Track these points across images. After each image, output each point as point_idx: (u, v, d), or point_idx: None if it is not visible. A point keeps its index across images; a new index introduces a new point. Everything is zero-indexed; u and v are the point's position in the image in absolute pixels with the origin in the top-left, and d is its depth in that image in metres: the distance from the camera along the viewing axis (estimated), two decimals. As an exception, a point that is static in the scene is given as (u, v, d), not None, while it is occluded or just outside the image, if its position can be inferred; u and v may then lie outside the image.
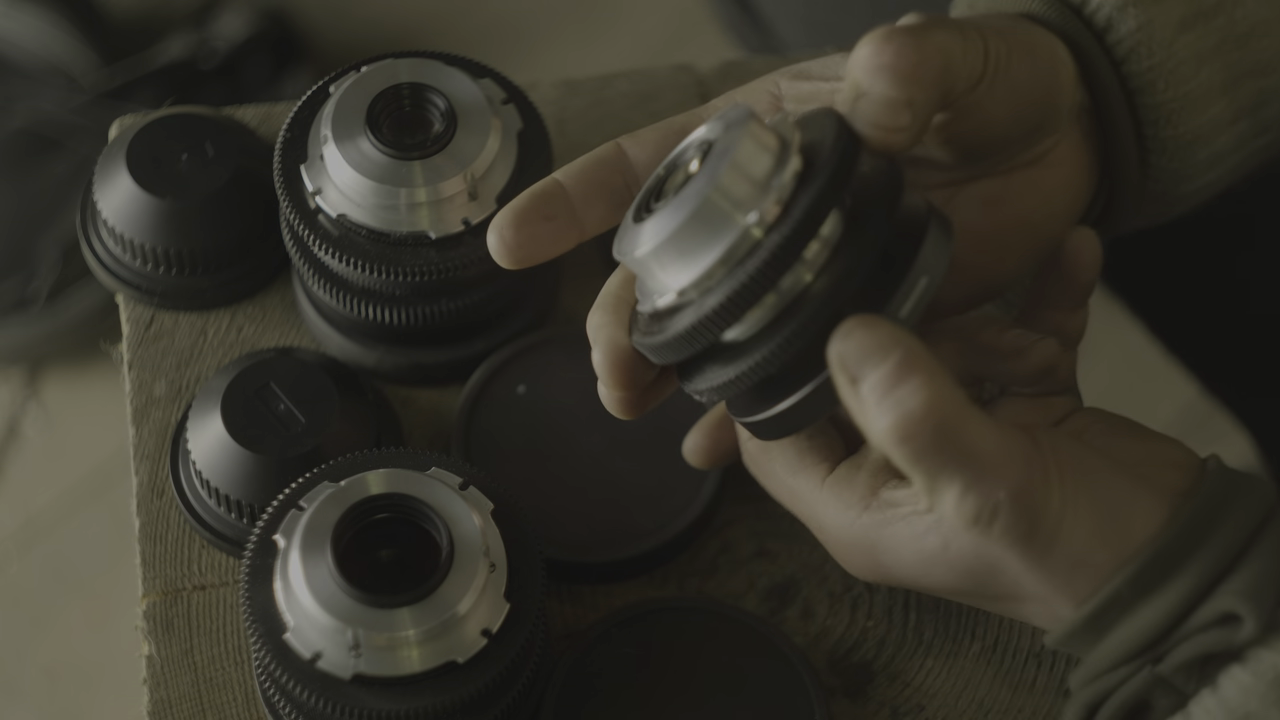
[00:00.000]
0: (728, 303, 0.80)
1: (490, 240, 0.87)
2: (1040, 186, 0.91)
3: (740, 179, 0.80)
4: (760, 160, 0.81)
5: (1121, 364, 1.71)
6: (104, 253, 1.02)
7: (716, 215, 0.80)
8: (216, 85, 1.78)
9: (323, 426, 0.95)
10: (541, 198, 0.88)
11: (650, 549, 0.97)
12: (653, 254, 0.81)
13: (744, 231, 0.80)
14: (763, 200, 0.80)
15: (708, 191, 0.80)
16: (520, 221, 0.87)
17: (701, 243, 0.81)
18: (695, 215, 0.80)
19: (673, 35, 1.94)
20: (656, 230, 0.81)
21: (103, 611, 1.70)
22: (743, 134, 0.81)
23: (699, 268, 0.81)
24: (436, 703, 0.86)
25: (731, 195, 0.80)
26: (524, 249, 0.88)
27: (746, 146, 0.81)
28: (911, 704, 0.95)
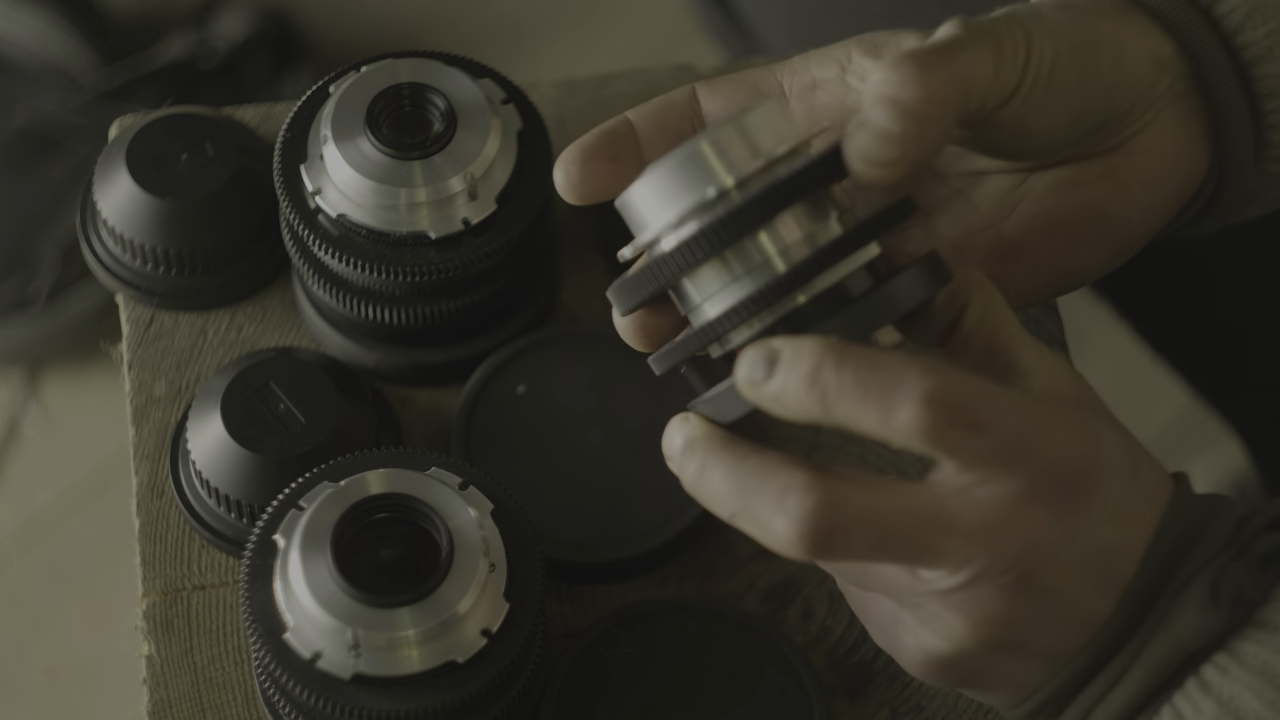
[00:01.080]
0: (683, 250, 0.80)
1: (556, 176, 0.87)
2: (1117, 175, 0.89)
3: (737, 140, 0.80)
4: (763, 133, 0.81)
5: (1119, 368, 1.71)
6: (104, 253, 1.02)
7: (703, 166, 0.80)
8: (216, 85, 1.78)
9: (323, 426, 0.95)
10: (609, 136, 0.87)
11: (650, 549, 0.97)
12: (638, 192, 0.81)
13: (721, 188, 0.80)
14: (751, 164, 0.80)
15: (701, 142, 0.80)
16: (586, 159, 0.86)
17: (679, 190, 0.80)
18: (684, 161, 0.80)
19: (673, 35, 1.94)
20: (647, 171, 0.81)
21: (103, 611, 1.70)
22: (763, 107, 0.81)
23: (674, 210, 0.81)
24: (436, 703, 0.86)
25: (724, 152, 0.80)
26: (586, 185, 0.87)
27: (755, 117, 0.81)
28: (911, 704, 0.95)
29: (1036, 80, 0.84)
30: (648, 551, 0.97)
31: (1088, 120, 0.87)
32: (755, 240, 0.80)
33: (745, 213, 0.79)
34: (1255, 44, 0.88)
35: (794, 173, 0.80)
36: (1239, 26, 0.88)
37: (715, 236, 0.80)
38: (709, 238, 0.80)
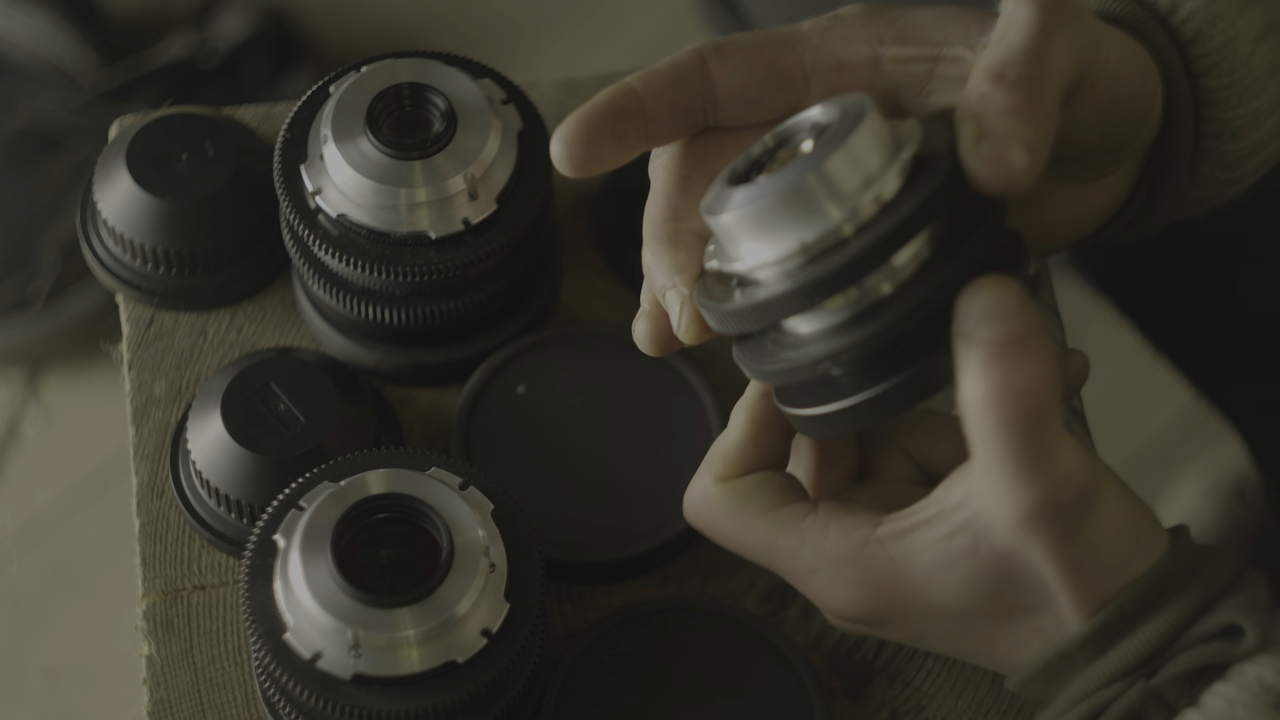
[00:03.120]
0: (799, 292, 0.78)
1: (555, 149, 0.84)
2: (1077, 206, 0.90)
3: (846, 171, 0.78)
4: (870, 158, 0.79)
5: (1119, 368, 1.71)
6: (104, 253, 1.02)
7: (813, 201, 0.78)
8: (216, 85, 1.78)
9: (323, 426, 0.95)
10: (615, 114, 0.84)
11: (650, 549, 0.97)
12: (739, 219, 0.79)
13: (834, 226, 0.78)
14: (861, 198, 0.78)
15: (809, 175, 0.78)
16: (590, 138, 0.84)
17: (791, 223, 0.79)
18: (792, 194, 0.78)
19: (672, 35, 1.94)
20: (750, 198, 0.79)
21: (103, 611, 1.70)
22: (859, 126, 0.79)
23: (782, 248, 0.79)
24: (436, 703, 0.86)
25: (833, 185, 0.78)
26: (588, 166, 0.85)
27: (859, 140, 0.79)
28: (911, 704, 0.95)
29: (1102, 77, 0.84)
30: (648, 551, 0.97)
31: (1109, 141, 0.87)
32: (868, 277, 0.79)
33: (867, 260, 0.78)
34: (1216, 91, 0.89)
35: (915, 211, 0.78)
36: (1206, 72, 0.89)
37: (835, 282, 0.78)
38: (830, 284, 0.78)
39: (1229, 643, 0.81)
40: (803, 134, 0.82)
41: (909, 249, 0.79)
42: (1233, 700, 0.80)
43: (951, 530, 0.81)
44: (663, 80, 0.85)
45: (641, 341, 0.87)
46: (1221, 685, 0.81)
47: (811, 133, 0.82)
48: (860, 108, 0.80)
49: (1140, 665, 0.82)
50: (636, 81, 0.85)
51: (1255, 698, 0.80)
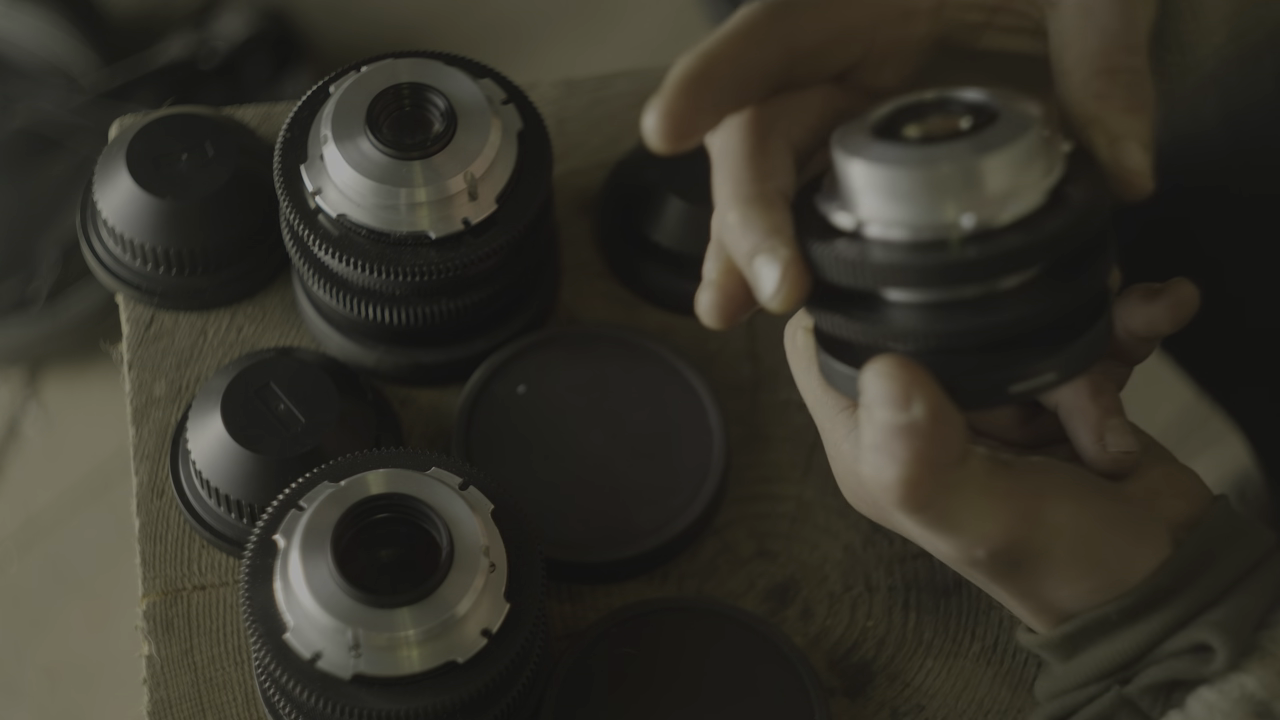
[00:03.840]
0: (883, 270, 0.77)
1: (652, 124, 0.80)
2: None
3: (992, 175, 0.77)
4: (1018, 171, 0.78)
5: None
6: (104, 253, 1.02)
7: (946, 191, 0.77)
8: (216, 85, 1.78)
9: (323, 426, 0.95)
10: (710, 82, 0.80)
11: (650, 549, 0.97)
12: (872, 174, 0.78)
13: (951, 224, 0.77)
14: (991, 208, 0.78)
15: (957, 165, 0.77)
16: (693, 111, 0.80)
17: (916, 201, 0.77)
18: (930, 176, 0.77)
19: (673, 35, 1.94)
20: (890, 156, 0.78)
21: (103, 611, 1.70)
22: (1023, 136, 0.78)
23: (894, 216, 0.78)
24: (436, 703, 0.86)
25: (972, 183, 0.77)
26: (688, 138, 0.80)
27: (1017, 150, 0.78)
28: (911, 704, 0.95)
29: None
30: (648, 551, 0.97)
31: None
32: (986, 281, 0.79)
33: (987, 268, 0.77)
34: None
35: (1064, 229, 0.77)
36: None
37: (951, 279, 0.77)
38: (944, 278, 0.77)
39: (1199, 660, 0.81)
40: (963, 110, 0.81)
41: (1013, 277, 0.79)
42: (1213, 706, 0.80)
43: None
44: (743, 42, 0.81)
45: (708, 314, 0.82)
46: (1205, 690, 0.81)
47: (972, 114, 0.80)
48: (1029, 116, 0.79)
49: (1115, 671, 0.83)
50: (718, 46, 0.81)
51: (1236, 705, 0.80)
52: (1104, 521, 0.83)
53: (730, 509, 0.99)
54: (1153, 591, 0.82)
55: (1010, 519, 0.80)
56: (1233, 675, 0.81)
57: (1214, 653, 0.81)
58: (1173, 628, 0.82)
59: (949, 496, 0.78)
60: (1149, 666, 0.82)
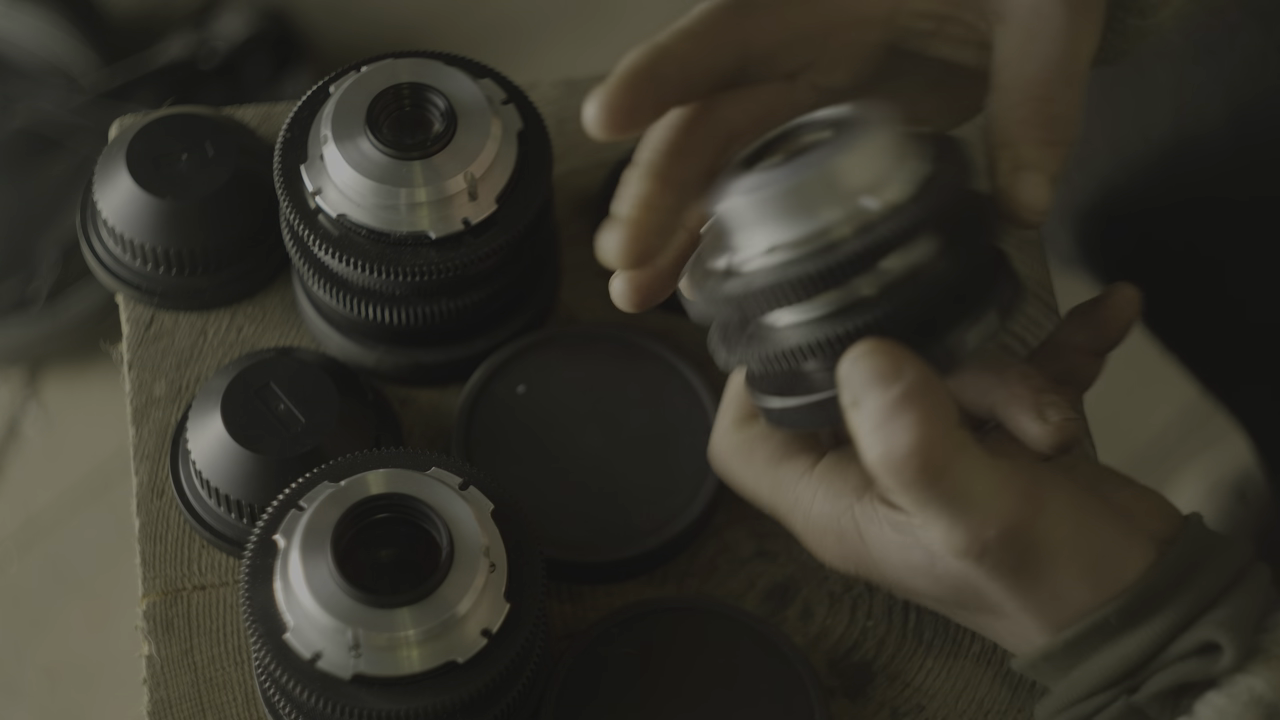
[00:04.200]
0: (777, 288, 0.79)
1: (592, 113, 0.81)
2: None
3: (856, 171, 0.79)
4: (881, 164, 0.80)
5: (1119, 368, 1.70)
6: (104, 253, 1.02)
7: (819, 197, 0.79)
8: (216, 85, 1.78)
9: (323, 426, 0.95)
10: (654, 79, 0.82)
11: (650, 549, 0.97)
12: (743, 207, 0.80)
13: (833, 224, 0.79)
14: (865, 201, 0.79)
15: (818, 171, 0.79)
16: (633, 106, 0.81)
17: (793, 217, 0.79)
18: (799, 188, 0.79)
19: (673, 35, 1.94)
20: (758, 185, 0.80)
21: (103, 611, 1.70)
22: (879, 131, 0.80)
23: (776, 238, 0.80)
24: (436, 703, 0.86)
25: (840, 184, 0.79)
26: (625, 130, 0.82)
27: (875, 144, 0.79)
28: (911, 704, 0.95)
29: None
30: (648, 551, 0.97)
31: None
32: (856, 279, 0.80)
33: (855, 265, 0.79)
34: None
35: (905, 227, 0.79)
36: None
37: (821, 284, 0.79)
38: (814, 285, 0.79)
39: (1208, 660, 0.81)
40: (820, 128, 0.82)
41: (901, 256, 0.80)
42: (1223, 711, 0.80)
43: (912, 543, 0.84)
44: (697, 40, 0.83)
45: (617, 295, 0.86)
46: (1213, 695, 0.81)
47: (830, 128, 0.82)
48: (883, 112, 0.80)
49: (1121, 679, 0.82)
50: (670, 41, 0.83)
51: (1245, 709, 0.80)
52: (1096, 514, 0.83)
53: (730, 509, 0.99)
54: (1148, 592, 0.82)
55: (1017, 497, 0.80)
56: (1240, 678, 0.81)
57: (1222, 651, 0.81)
58: (1175, 630, 0.82)
59: (961, 460, 0.78)
60: (1156, 673, 0.82)
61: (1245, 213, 1.16)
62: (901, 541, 0.84)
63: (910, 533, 0.83)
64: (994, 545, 0.80)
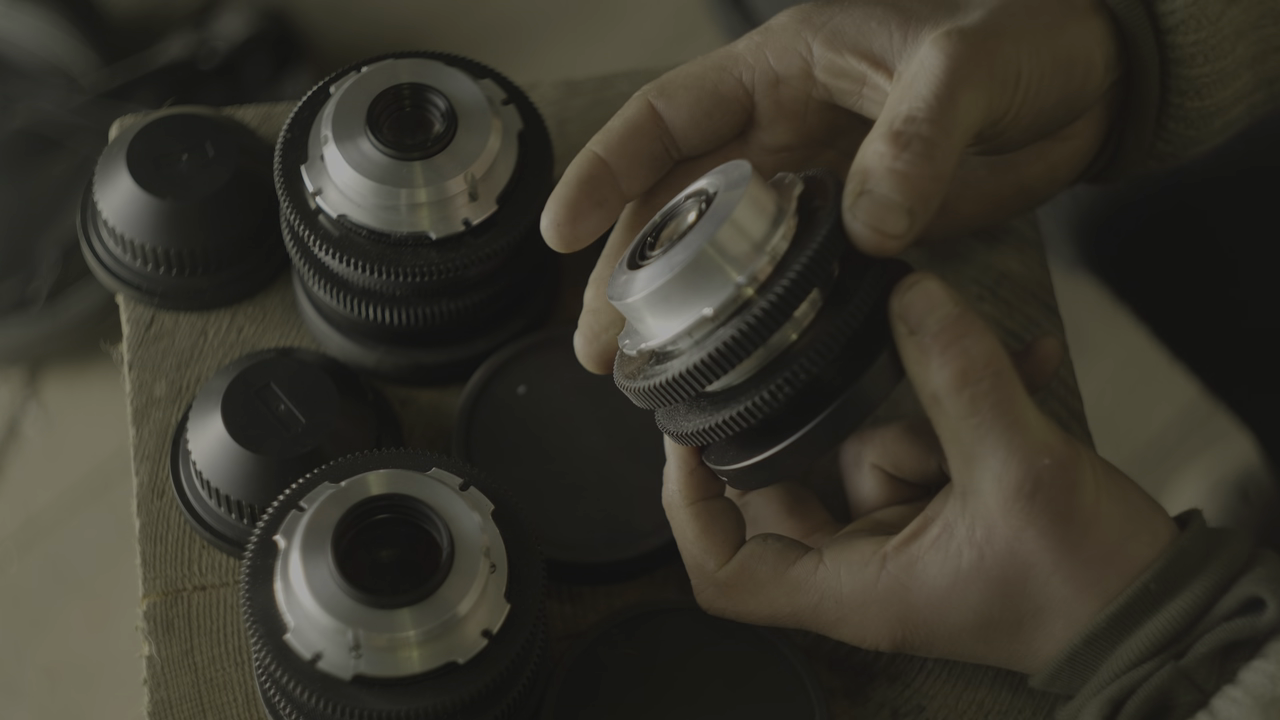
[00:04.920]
0: (715, 357, 0.82)
1: (546, 231, 0.88)
2: (1048, 157, 0.93)
3: (736, 238, 0.82)
4: (756, 222, 0.83)
5: (1119, 368, 1.71)
6: (104, 253, 1.02)
7: (711, 270, 0.82)
8: (216, 85, 1.78)
9: (323, 426, 0.95)
10: (589, 184, 0.88)
11: (650, 549, 0.97)
12: (645, 301, 0.83)
13: (737, 289, 0.82)
14: (756, 261, 0.82)
15: (703, 246, 0.82)
16: (575, 216, 0.88)
17: (694, 295, 0.83)
18: (690, 268, 0.82)
19: (673, 35, 1.94)
20: (651, 278, 0.83)
21: (103, 611, 1.70)
22: (742, 194, 0.83)
23: (689, 319, 0.83)
24: (437, 703, 0.86)
25: (726, 252, 0.82)
26: (580, 241, 0.89)
27: (744, 207, 0.82)
28: (911, 704, 0.95)
29: (1024, 101, 0.87)
30: (648, 552, 0.97)
31: (1054, 123, 0.90)
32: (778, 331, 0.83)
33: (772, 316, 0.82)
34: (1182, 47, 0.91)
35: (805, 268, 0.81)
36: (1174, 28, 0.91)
37: (750, 341, 0.82)
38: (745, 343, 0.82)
39: (1253, 617, 0.82)
40: (689, 207, 0.85)
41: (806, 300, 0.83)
42: (1274, 676, 0.81)
43: (957, 547, 0.84)
44: (620, 136, 0.89)
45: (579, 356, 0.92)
46: (1260, 662, 0.81)
47: (697, 203, 0.85)
48: (741, 175, 0.83)
49: (1167, 645, 0.83)
50: (597, 146, 0.89)
51: None
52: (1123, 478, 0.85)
53: (730, 509, 0.99)
54: (1180, 555, 0.83)
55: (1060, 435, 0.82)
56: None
57: (1265, 605, 0.81)
58: (1216, 591, 0.82)
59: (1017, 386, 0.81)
60: (1202, 635, 0.82)
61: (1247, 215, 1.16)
62: (944, 555, 0.84)
63: (950, 541, 0.84)
64: (1048, 475, 0.81)
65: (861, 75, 0.88)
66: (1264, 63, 0.92)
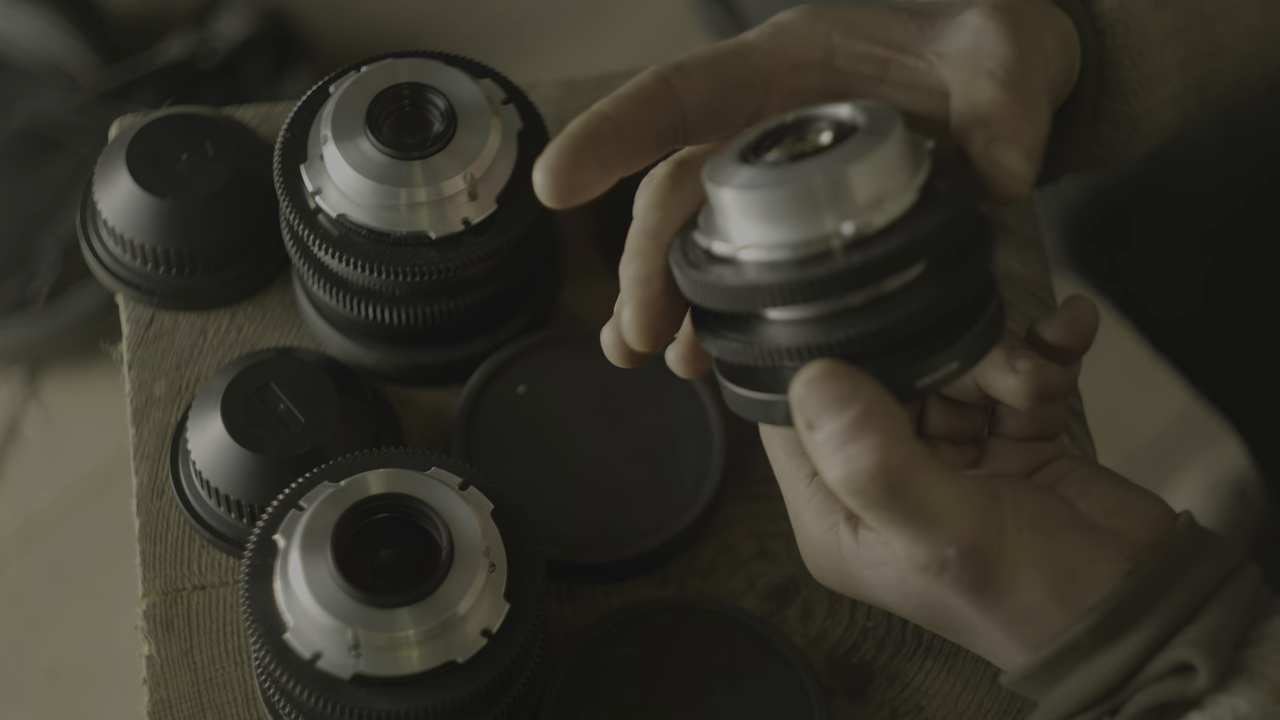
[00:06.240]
0: (774, 290, 0.79)
1: (537, 179, 0.84)
2: None
3: (862, 182, 0.79)
4: (886, 174, 0.79)
5: (1119, 368, 1.71)
6: (104, 253, 1.02)
7: (819, 204, 0.79)
8: (216, 85, 1.78)
9: (323, 426, 0.95)
10: (595, 139, 0.84)
11: (650, 549, 0.97)
12: (742, 200, 0.80)
13: (831, 234, 0.79)
14: (866, 213, 0.79)
15: (825, 177, 0.79)
16: (575, 164, 0.84)
17: (791, 219, 0.79)
18: (801, 192, 0.78)
19: (672, 35, 1.94)
20: (758, 180, 0.79)
21: (103, 611, 1.70)
22: (887, 140, 0.79)
23: (773, 238, 0.79)
24: (436, 703, 0.86)
25: (843, 192, 0.79)
26: (575, 194, 0.85)
27: (883, 155, 0.79)
28: (911, 704, 0.95)
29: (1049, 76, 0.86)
30: (648, 551, 0.97)
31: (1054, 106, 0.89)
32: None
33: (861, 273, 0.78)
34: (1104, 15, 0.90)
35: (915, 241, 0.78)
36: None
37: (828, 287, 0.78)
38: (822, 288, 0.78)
39: (1184, 680, 0.81)
40: (824, 126, 0.82)
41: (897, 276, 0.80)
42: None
43: (883, 561, 0.84)
44: (632, 102, 0.86)
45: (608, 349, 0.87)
46: (1196, 715, 0.80)
47: (833, 128, 0.82)
48: (890, 121, 0.80)
49: (1100, 699, 0.82)
50: (607, 106, 0.85)
51: None
52: (1063, 528, 0.83)
53: (730, 509, 0.99)
54: (1120, 608, 0.81)
55: (979, 509, 0.80)
56: (1222, 698, 0.80)
57: (1196, 672, 0.80)
58: (1150, 649, 0.81)
59: (921, 476, 0.79)
60: (1135, 693, 0.81)
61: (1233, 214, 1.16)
62: (874, 559, 0.84)
63: (881, 551, 0.84)
64: (954, 562, 0.80)
65: (884, 60, 0.86)
66: (1193, 68, 0.92)
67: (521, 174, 0.97)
